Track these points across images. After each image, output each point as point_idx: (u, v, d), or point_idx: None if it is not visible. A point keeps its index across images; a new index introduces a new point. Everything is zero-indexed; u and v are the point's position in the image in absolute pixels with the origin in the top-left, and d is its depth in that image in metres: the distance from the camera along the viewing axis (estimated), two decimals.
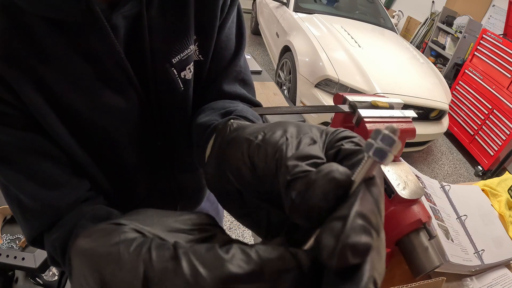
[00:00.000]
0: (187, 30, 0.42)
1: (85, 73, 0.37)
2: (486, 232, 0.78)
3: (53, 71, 0.35)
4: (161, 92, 0.44)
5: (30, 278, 1.04)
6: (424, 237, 0.52)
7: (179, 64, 0.43)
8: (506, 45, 2.82)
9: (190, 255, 0.15)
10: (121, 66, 0.38)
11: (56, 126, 0.38)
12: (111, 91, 0.39)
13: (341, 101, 0.58)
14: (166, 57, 0.41)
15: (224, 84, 0.50)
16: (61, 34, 0.34)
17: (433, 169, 2.94)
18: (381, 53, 2.85)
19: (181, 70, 0.43)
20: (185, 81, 0.44)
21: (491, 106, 2.93)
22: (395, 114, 0.57)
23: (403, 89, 2.44)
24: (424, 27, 4.80)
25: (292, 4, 3.37)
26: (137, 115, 0.43)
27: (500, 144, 2.79)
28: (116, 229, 0.17)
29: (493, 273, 0.72)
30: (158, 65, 0.41)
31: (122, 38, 0.37)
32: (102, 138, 0.43)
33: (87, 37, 0.35)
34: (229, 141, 0.26)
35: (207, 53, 0.46)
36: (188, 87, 0.45)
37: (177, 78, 0.43)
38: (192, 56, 0.44)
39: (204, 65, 0.47)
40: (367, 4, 3.93)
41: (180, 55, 0.42)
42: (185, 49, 0.42)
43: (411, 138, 0.57)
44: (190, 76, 0.45)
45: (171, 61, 0.42)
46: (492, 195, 0.95)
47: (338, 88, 2.42)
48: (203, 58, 0.46)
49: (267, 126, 0.25)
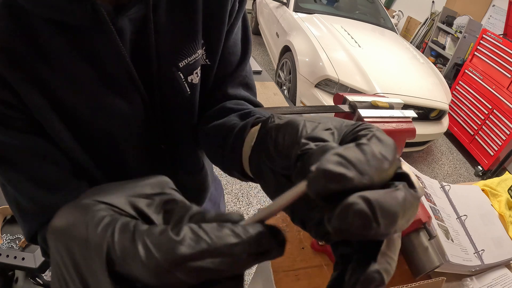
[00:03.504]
0: (195, 34, 0.42)
1: (89, 76, 0.36)
2: (486, 232, 0.78)
3: (56, 74, 0.35)
4: (167, 96, 0.43)
5: (30, 278, 1.04)
6: (424, 237, 0.52)
7: (186, 68, 0.42)
8: (506, 45, 2.82)
9: (145, 238, 0.16)
10: (126, 69, 0.38)
11: (59, 129, 0.38)
12: (115, 95, 0.39)
13: (341, 101, 0.58)
14: (172, 61, 0.41)
15: (229, 89, 0.50)
16: (66, 37, 0.33)
17: (433, 169, 2.94)
18: (381, 53, 2.85)
19: (188, 74, 0.43)
20: (192, 86, 0.44)
21: (491, 106, 2.93)
22: (395, 114, 0.57)
23: (403, 89, 2.44)
24: (424, 27, 4.80)
25: (292, 4, 3.37)
26: (141, 119, 0.43)
27: (500, 144, 2.79)
28: (87, 207, 0.18)
29: (493, 273, 0.72)
30: (164, 69, 0.41)
31: (128, 41, 0.37)
32: (105, 141, 0.43)
33: (91, 40, 0.35)
34: (269, 130, 0.28)
35: (214, 57, 0.46)
36: (194, 92, 0.45)
37: (184, 82, 0.43)
38: (199, 60, 0.44)
39: (211, 69, 0.47)
40: (367, 4, 3.93)
41: (188, 59, 0.42)
42: (192, 53, 0.42)
43: (411, 138, 0.57)
44: (197, 81, 0.45)
45: (177, 65, 0.41)
46: (492, 195, 0.95)
47: (338, 88, 2.42)
48: (210, 63, 0.46)
49: (300, 116, 0.27)
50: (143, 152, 0.47)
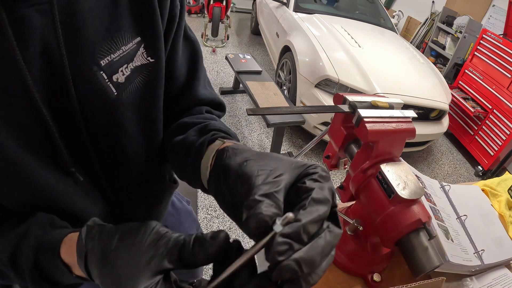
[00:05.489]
0: (119, 28, 0.37)
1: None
2: (486, 232, 0.78)
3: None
4: (87, 102, 0.37)
5: None
6: (424, 237, 0.52)
7: (110, 66, 0.37)
8: (506, 45, 2.82)
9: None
10: (17, 75, 0.31)
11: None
12: (1, 110, 0.32)
13: (341, 101, 0.58)
14: (92, 59, 0.36)
15: (200, 89, 0.54)
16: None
17: (433, 169, 2.94)
18: (381, 53, 2.85)
19: (112, 73, 0.38)
20: (118, 85, 0.39)
21: (491, 106, 2.93)
22: (395, 114, 0.57)
23: (403, 89, 2.44)
24: (424, 27, 4.80)
25: (292, 4, 3.37)
26: (34, 133, 0.35)
27: (500, 144, 2.79)
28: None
29: (493, 273, 0.72)
30: (81, 68, 0.35)
31: (39, 37, 0.31)
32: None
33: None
34: (224, 167, 0.35)
35: (157, 54, 0.43)
36: (121, 91, 0.40)
37: (108, 82, 0.38)
38: (132, 58, 0.40)
39: (158, 66, 0.44)
40: (367, 4, 3.93)
41: (111, 56, 0.37)
42: (116, 49, 0.38)
43: (411, 138, 0.57)
44: (123, 80, 0.40)
45: (98, 63, 0.36)
46: (492, 195, 0.95)
47: (338, 88, 2.42)
48: (154, 59, 0.43)
49: (252, 156, 0.33)
50: (50, 178, 0.39)
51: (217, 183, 0.36)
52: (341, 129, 0.61)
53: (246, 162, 0.32)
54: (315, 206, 0.26)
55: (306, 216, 0.25)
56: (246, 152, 0.34)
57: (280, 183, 0.28)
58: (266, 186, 0.28)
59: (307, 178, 0.29)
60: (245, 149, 0.35)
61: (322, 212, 0.26)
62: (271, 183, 0.28)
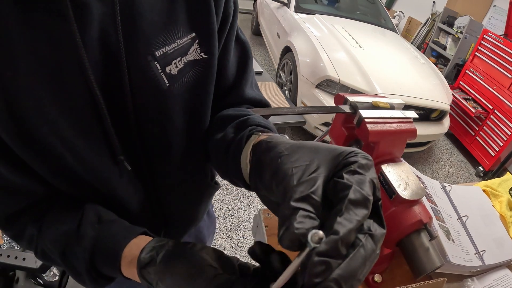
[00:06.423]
0: (174, 22, 0.38)
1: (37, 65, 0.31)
2: (487, 233, 0.78)
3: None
4: (138, 90, 0.39)
5: (31, 278, 1.04)
6: (425, 238, 0.52)
7: (164, 57, 0.39)
8: (507, 45, 2.82)
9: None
10: (77, 59, 0.32)
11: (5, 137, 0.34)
12: (56, 90, 0.33)
13: (342, 101, 0.58)
14: (147, 49, 0.37)
15: (246, 89, 0.52)
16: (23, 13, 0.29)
17: (434, 169, 2.94)
18: (382, 54, 2.84)
19: (166, 64, 0.39)
20: (171, 77, 0.40)
21: (492, 106, 2.92)
22: (396, 115, 0.57)
23: (404, 90, 2.44)
24: (425, 28, 4.79)
25: (293, 5, 3.37)
26: (89, 122, 0.37)
27: (501, 144, 2.78)
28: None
29: (494, 274, 0.72)
30: (137, 57, 0.36)
31: (96, 24, 0.32)
32: (50, 148, 0.36)
33: (44, 20, 0.30)
34: (259, 163, 0.34)
35: (210, 50, 0.44)
36: (173, 83, 0.41)
37: (161, 73, 0.39)
38: (186, 52, 0.41)
39: (210, 62, 0.45)
40: (368, 5, 3.93)
41: (165, 48, 0.38)
42: (171, 42, 0.39)
43: (412, 138, 0.57)
44: (175, 72, 0.41)
45: (153, 54, 0.37)
46: (493, 195, 0.95)
47: (339, 89, 2.42)
48: (207, 56, 0.44)
49: (286, 150, 0.31)
50: (94, 164, 0.40)
51: (255, 181, 0.34)
52: (342, 130, 0.61)
53: (280, 159, 0.30)
54: (353, 210, 0.24)
55: (344, 226, 0.23)
56: (280, 145, 0.32)
57: (316, 180, 0.26)
58: (301, 187, 0.26)
59: (345, 170, 0.26)
60: (279, 142, 0.33)
61: (361, 217, 0.24)
62: (306, 182, 0.26)
